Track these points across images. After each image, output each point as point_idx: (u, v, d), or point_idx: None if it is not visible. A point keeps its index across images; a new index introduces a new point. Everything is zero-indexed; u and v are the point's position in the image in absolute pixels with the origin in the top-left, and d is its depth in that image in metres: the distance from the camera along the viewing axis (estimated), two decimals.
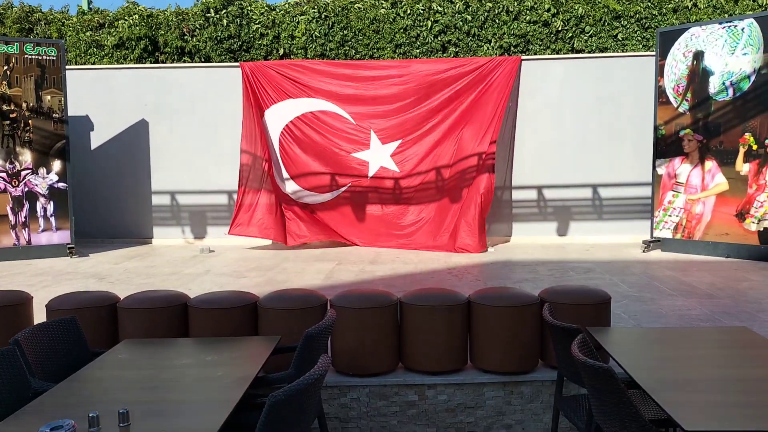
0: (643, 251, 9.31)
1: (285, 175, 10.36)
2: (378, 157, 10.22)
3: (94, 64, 11.61)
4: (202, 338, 3.87)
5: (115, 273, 8.24)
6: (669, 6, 11.02)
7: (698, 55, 8.93)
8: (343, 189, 10.25)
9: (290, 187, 10.34)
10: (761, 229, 8.46)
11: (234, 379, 2.92)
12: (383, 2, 11.49)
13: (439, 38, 11.26)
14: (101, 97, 10.86)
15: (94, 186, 10.87)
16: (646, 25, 10.99)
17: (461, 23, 11.19)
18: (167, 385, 2.92)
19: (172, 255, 9.69)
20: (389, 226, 10.17)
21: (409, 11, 11.32)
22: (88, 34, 11.80)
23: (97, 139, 10.95)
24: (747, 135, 8.56)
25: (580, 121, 10.40)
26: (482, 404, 4.36)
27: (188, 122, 10.83)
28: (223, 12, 11.61)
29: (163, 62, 11.62)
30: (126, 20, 11.65)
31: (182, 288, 6.60)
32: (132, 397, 2.76)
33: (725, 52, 8.68)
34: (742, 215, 8.64)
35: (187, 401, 2.74)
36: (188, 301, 4.38)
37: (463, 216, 9.79)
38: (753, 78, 8.46)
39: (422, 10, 11.29)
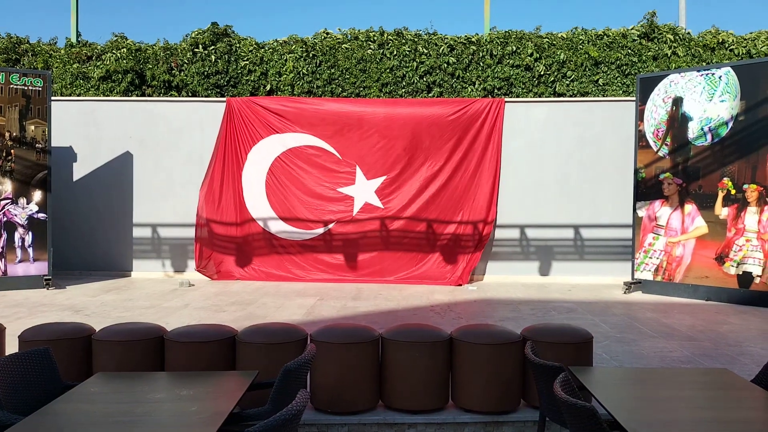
0: (624, 292, 9.34)
1: (270, 211, 10.37)
2: (363, 192, 10.27)
3: (80, 95, 11.60)
4: (177, 372, 3.78)
5: (92, 306, 8.09)
6: (649, 54, 11.32)
7: (677, 101, 9.14)
8: (329, 226, 10.27)
9: (273, 223, 10.35)
10: (740, 273, 8.55)
11: (208, 414, 2.84)
12: (370, 43, 11.68)
13: (424, 79, 11.43)
14: (86, 128, 10.84)
15: (74, 217, 10.75)
16: (626, 72, 11.26)
17: (446, 65, 11.39)
18: (139, 420, 2.83)
19: (150, 288, 9.54)
20: (371, 263, 10.16)
21: (395, 52, 11.50)
22: (75, 66, 11.82)
23: (79, 171, 10.88)
24: (726, 180, 8.71)
25: (561, 162, 10.55)
26: None
27: (173, 155, 10.82)
28: (211, 48, 11.71)
29: (149, 95, 11.66)
30: (113, 53, 11.70)
31: (160, 322, 6.48)
32: None
33: (704, 99, 8.89)
34: (721, 258, 8.73)
35: None
36: (165, 334, 4.30)
37: (451, 253, 9.91)
38: (731, 124, 8.65)
39: (408, 51, 11.48)
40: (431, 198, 10.18)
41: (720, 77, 8.75)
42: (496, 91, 11.38)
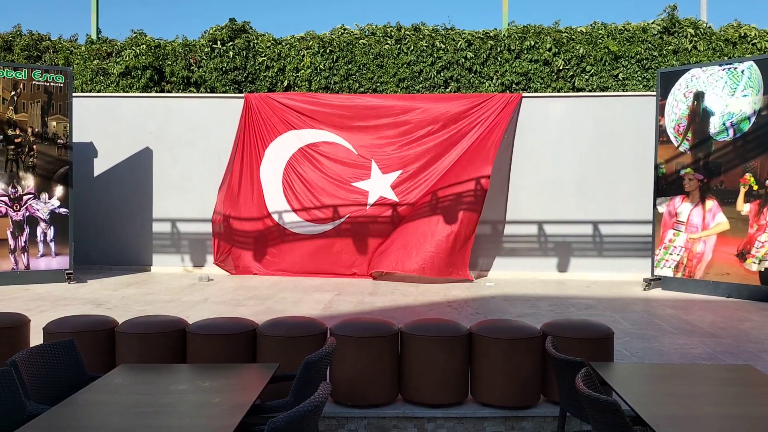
0: (644, 289, 9.26)
1: (286, 206, 10.40)
2: (378, 187, 10.27)
3: (100, 92, 11.72)
4: (199, 365, 3.82)
5: (113, 299, 8.18)
6: (669, 48, 11.19)
7: (699, 96, 9.03)
8: (343, 219, 10.28)
9: (289, 218, 10.38)
10: (762, 270, 8.44)
11: (231, 406, 2.86)
12: (387, 38, 11.66)
13: (441, 74, 11.40)
14: (106, 124, 10.95)
15: (95, 212, 10.87)
16: (646, 66, 11.14)
17: (463, 60, 11.35)
18: (163, 411, 2.86)
19: (170, 283, 9.63)
20: (385, 257, 10.09)
21: (412, 47, 11.48)
22: (95, 62, 11.94)
23: (100, 166, 11.00)
24: (747, 175, 8.60)
25: (580, 158, 10.47)
26: None
27: (191, 151, 10.90)
28: (229, 44, 11.77)
29: (168, 92, 11.74)
30: (133, 50, 11.80)
31: (180, 315, 6.52)
32: (127, 422, 2.71)
33: (725, 93, 8.77)
34: (743, 255, 8.63)
35: (183, 427, 2.69)
36: (187, 327, 4.34)
37: (460, 244, 9.85)
38: (753, 119, 8.54)
39: (425, 46, 11.45)
40: (446, 192, 10.11)
41: (742, 71, 8.63)
42: (514, 86, 11.32)
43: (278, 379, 3.46)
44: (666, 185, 9.36)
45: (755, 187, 8.54)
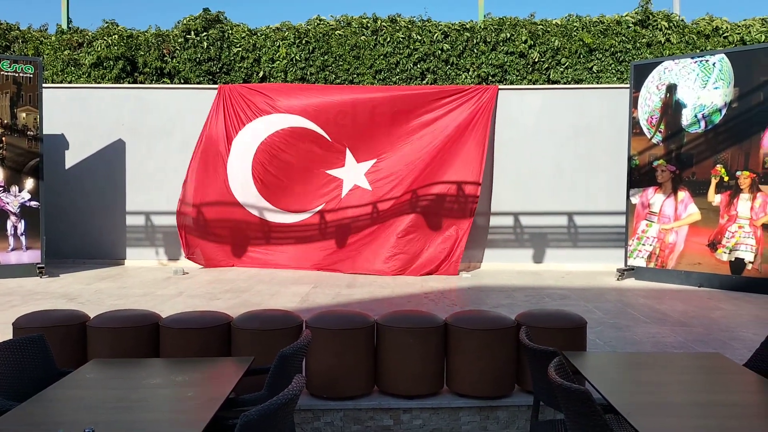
0: (618, 279, 9.39)
1: (257, 195, 10.28)
2: (352, 175, 10.24)
3: (71, 82, 11.51)
4: (172, 359, 3.78)
5: (86, 293, 8.07)
6: (643, 41, 11.31)
7: (671, 88, 9.14)
8: (318, 209, 10.23)
9: (262, 207, 10.29)
10: (732, 259, 8.60)
11: (204, 400, 2.84)
12: (364, 30, 11.61)
13: (418, 66, 11.39)
14: (78, 116, 10.76)
15: (67, 205, 10.70)
16: (620, 59, 11.25)
17: (440, 52, 11.35)
18: (135, 406, 2.83)
19: (144, 276, 9.53)
20: (362, 249, 10.08)
21: (389, 39, 11.45)
22: (66, 52, 11.72)
23: (72, 158, 10.81)
24: (719, 167, 8.74)
25: (556, 150, 10.55)
26: (458, 429, 4.31)
27: (166, 143, 10.76)
28: (203, 34, 11.63)
29: (141, 83, 11.58)
30: (105, 40, 11.60)
31: (154, 309, 6.42)
32: (99, 417, 2.67)
33: (697, 86, 8.90)
34: (714, 245, 8.78)
35: (156, 422, 2.66)
36: (160, 320, 4.29)
37: (441, 241, 9.86)
38: (724, 111, 8.67)
39: (402, 38, 11.43)
40: (421, 182, 10.10)
41: (714, 64, 8.76)
42: (490, 78, 11.36)
43: (253, 373, 3.44)
44: (639, 177, 9.48)
45: (726, 179, 8.69)
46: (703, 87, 8.84)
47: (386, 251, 9.90)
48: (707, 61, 8.83)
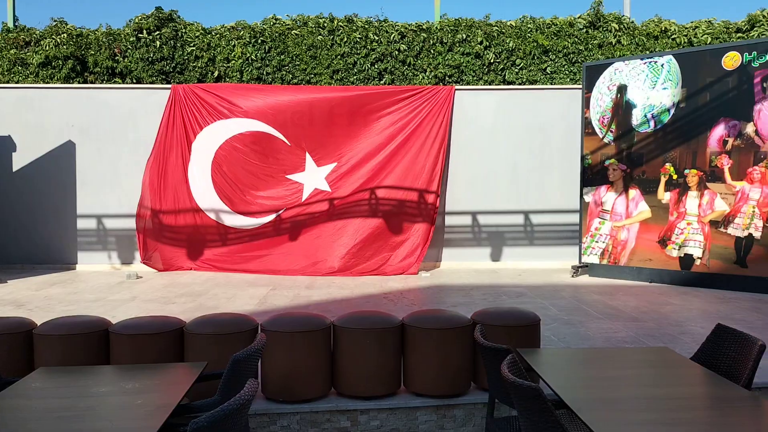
0: (572, 276, 9.57)
1: (216, 199, 10.17)
2: (313, 179, 10.19)
3: (18, 82, 11.16)
4: (123, 365, 3.70)
5: (35, 300, 7.83)
6: (594, 42, 11.55)
7: (622, 89, 9.36)
8: (278, 213, 10.16)
9: (222, 211, 10.18)
10: (682, 255, 8.85)
11: (154, 407, 2.78)
12: (320, 29, 11.56)
13: (375, 66, 11.40)
14: (25, 117, 10.43)
15: (15, 209, 10.37)
16: (573, 60, 11.46)
17: (397, 52, 11.38)
18: (83, 415, 2.75)
19: (96, 281, 9.30)
20: (323, 252, 10.06)
21: (346, 39, 11.43)
22: (12, 51, 11.35)
23: (19, 161, 10.47)
24: (668, 165, 8.99)
25: (511, 149, 10.69)
26: (415, 429, 4.32)
27: (118, 144, 10.52)
28: (156, 33, 11.41)
29: (92, 82, 11.29)
30: (53, 39, 11.28)
31: (107, 315, 6.32)
32: (44, 428, 2.60)
33: (647, 87, 9.13)
34: (664, 242, 9.02)
35: (103, 430, 2.59)
36: (110, 326, 4.19)
37: (402, 242, 9.92)
38: (672, 111, 8.92)
39: (359, 38, 11.42)
40: (381, 183, 10.14)
41: (662, 65, 9.00)
42: (447, 78, 11.44)
43: (206, 378, 3.38)
44: (592, 175, 9.67)
45: (675, 177, 8.94)
46: (652, 87, 9.08)
47: (346, 252, 9.92)
48: (656, 62, 9.06)
